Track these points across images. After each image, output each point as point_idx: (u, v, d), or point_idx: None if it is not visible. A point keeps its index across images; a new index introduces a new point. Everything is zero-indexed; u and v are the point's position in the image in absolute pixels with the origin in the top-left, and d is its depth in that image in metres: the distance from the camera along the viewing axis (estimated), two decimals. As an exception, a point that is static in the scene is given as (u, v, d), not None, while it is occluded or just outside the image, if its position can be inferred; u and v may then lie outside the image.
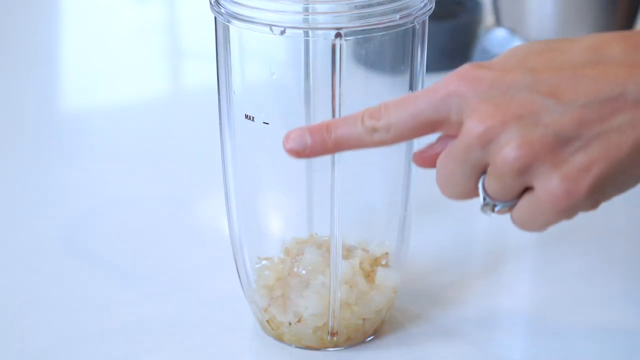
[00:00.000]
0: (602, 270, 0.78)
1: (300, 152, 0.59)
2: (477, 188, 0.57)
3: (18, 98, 1.09)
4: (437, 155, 0.58)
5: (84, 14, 1.35)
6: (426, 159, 0.59)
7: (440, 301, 0.74)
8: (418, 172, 0.68)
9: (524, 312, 0.74)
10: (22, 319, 0.73)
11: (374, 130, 0.58)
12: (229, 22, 0.64)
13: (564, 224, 0.62)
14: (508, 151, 0.54)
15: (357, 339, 0.69)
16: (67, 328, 0.72)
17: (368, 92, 0.67)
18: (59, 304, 0.74)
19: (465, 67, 0.56)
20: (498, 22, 1.02)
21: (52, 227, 0.84)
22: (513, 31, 1.00)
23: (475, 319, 0.72)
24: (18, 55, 1.19)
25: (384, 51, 0.64)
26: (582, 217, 0.85)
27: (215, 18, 0.65)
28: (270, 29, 0.62)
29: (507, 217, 0.58)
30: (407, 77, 0.66)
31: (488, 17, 1.09)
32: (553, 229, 0.58)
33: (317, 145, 0.59)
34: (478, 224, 0.86)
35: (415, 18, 0.63)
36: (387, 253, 0.69)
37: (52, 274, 0.78)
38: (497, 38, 1.01)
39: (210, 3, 0.65)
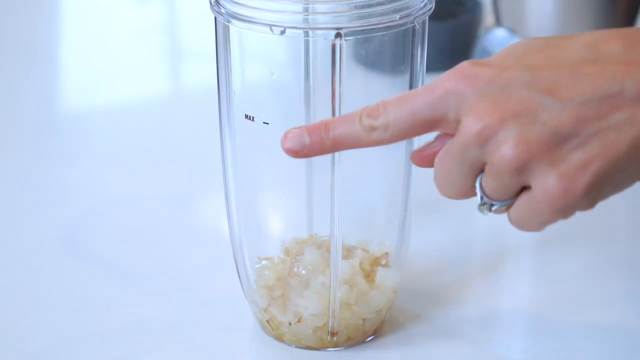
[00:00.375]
0: (602, 270, 0.78)
1: (299, 152, 0.59)
2: (474, 187, 0.57)
3: (18, 98, 1.09)
4: (435, 154, 0.58)
5: (84, 14, 1.35)
6: (424, 158, 0.59)
7: (440, 301, 0.74)
8: (418, 172, 0.68)
9: (524, 312, 0.74)
10: (22, 319, 0.73)
11: (372, 129, 0.58)
12: (229, 22, 0.64)
13: (564, 224, 0.62)
14: (505, 149, 0.54)
15: (357, 339, 0.69)
16: (67, 328, 0.72)
17: (368, 92, 0.67)
18: (59, 304, 0.74)
19: (462, 65, 0.56)
20: (498, 22, 1.02)
21: (52, 227, 0.84)
22: (513, 31, 1.00)
23: (475, 319, 0.72)
24: (18, 55, 1.19)
25: (384, 51, 0.64)
26: (582, 217, 0.85)
27: (215, 18, 0.65)
28: (270, 29, 0.62)
29: (506, 216, 0.58)
30: (407, 77, 0.66)
31: (488, 17, 1.09)
32: (553, 229, 0.58)
33: (315, 144, 0.59)
34: (478, 224, 0.86)
35: (415, 18, 0.63)
36: (387, 253, 0.69)
37: (52, 274, 0.78)
38: (497, 38, 1.01)
39: (210, 3, 0.65)
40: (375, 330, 0.70)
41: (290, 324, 0.68)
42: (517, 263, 0.80)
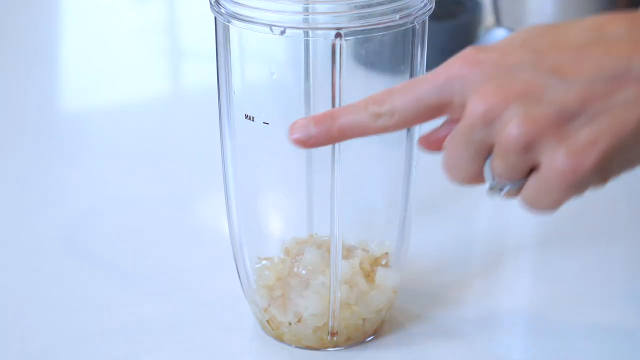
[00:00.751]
0: (602, 270, 0.78)
1: (306, 142, 0.59)
2: (482, 171, 0.57)
3: (18, 98, 1.09)
4: (442, 139, 0.58)
5: (84, 14, 1.35)
6: (431, 143, 0.59)
7: (440, 301, 0.74)
8: (418, 172, 0.68)
9: (524, 312, 0.74)
10: (22, 319, 0.73)
11: (378, 116, 0.58)
12: (229, 22, 0.64)
13: (564, 224, 0.62)
14: (511, 128, 0.54)
15: (357, 339, 0.69)
16: (67, 328, 0.72)
17: (368, 92, 0.67)
18: (59, 304, 0.74)
19: (467, 50, 0.56)
20: (498, 22, 1.02)
21: (52, 227, 0.84)
22: (513, 31, 1.00)
23: (475, 319, 0.72)
24: (18, 55, 1.19)
25: (384, 51, 0.64)
26: (582, 217, 0.85)
27: (215, 18, 0.65)
28: (270, 29, 0.62)
29: (505, 217, 0.58)
30: (407, 77, 0.66)
31: (488, 17, 1.09)
32: (553, 229, 0.58)
33: (321, 134, 0.59)
34: (478, 224, 0.86)
35: (415, 18, 0.63)
36: (387, 253, 0.69)
37: (52, 274, 0.78)
38: (497, 38, 1.01)
39: (210, 3, 0.65)
40: (375, 330, 0.70)
41: (290, 324, 0.68)
42: (517, 263, 0.80)
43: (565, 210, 0.85)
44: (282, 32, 0.62)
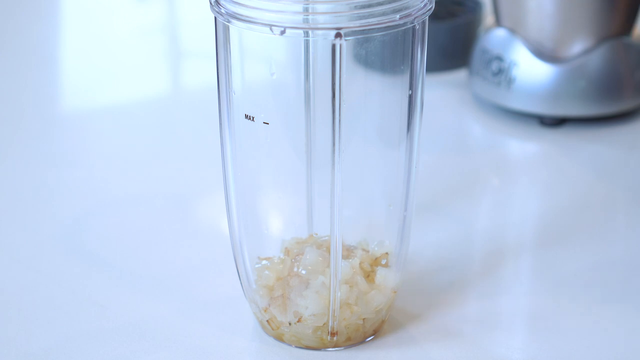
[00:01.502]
0: (601, 271, 0.78)
1: None
2: None
3: (18, 98, 1.09)
4: None
5: (84, 14, 1.35)
6: None
7: (440, 301, 0.74)
8: (418, 172, 0.68)
9: (524, 312, 0.74)
10: (22, 319, 0.73)
11: None
12: (229, 22, 0.64)
13: (564, 224, 0.62)
14: None
15: (357, 339, 0.69)
16: (67, 328, 0.72)
17: (368, 92, 0.67)
18: (59, 304, 0.74)
19: None
20: (498, 22, 1.02)
21: (52, 227, 0.84)
22: (513, 31, 1.00)
23: (475, 319, 0.73)
24: (18, 55, 1.19)
25: (384, 51, 0.64)
26: (582, 217, 0.85)
27: (215, 18, 0.65)
28: (270, 29, 0.62)
29: (505, 217, 0.58)
30: (407, 77, 0.66)
31: (488, 17, 1.09)
32: (553, 229, 0.58)
33: None
34: (478, 224, 0.86)
35: (415, 18, 0.63)
36: (387, 253, 0.69)
37: (52, 274, 0.78)
38: (497, 38, 1.01)
39: (210, 3, 0.65)
40: (375, 330, 0.70)
41: (290, 324, 0.68)
42: (517, 263, 0.80)
43: (565, 210, 0.85)
44: (282, 32, 0.62)
